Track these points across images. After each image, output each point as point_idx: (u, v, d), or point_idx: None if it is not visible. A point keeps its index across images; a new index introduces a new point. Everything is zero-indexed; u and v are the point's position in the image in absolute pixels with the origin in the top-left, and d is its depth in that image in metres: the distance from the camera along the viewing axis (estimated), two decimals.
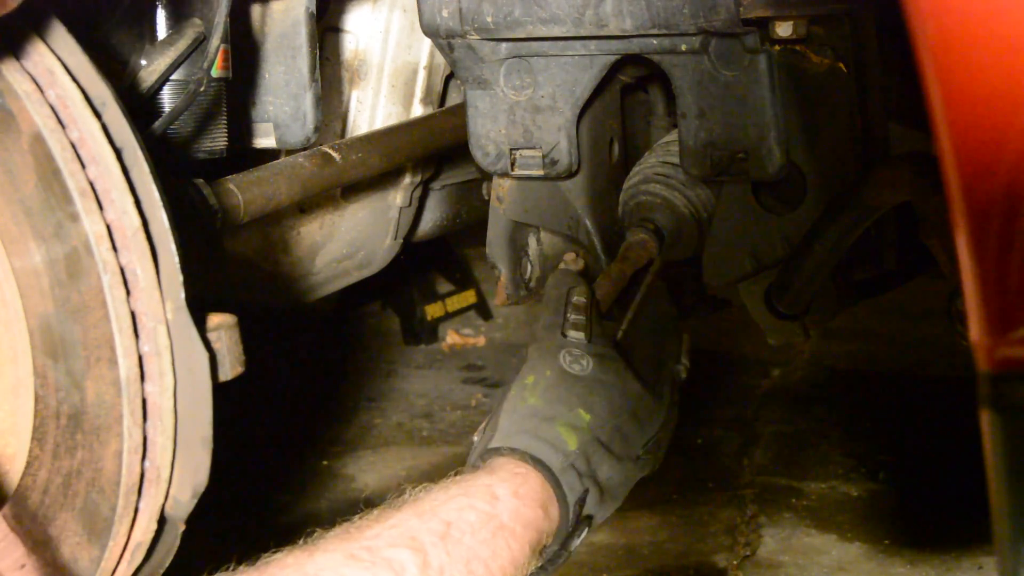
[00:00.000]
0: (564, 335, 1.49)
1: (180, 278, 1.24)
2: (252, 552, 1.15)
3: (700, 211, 1.85)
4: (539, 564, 1.33)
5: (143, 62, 1.64)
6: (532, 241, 1.99)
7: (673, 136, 1.92)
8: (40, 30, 1.23)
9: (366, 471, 2.80)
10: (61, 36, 1.25)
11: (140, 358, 1.22)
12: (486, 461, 1.36)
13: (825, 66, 1.68)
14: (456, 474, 1.31)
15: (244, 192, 1.74)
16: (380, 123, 2.15)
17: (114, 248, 1.21)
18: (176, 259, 1.24)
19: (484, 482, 1.28)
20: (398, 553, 1.14)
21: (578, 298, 1.53)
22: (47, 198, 1.20)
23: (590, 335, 1.49)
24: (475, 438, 1.45)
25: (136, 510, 1.25)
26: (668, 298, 1.68)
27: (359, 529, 1.17)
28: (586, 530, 1.38)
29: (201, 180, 1.69)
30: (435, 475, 1.29)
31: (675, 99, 1.75)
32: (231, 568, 1.07)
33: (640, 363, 1.53)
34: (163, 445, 1.24)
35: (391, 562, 1.12)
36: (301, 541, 1.16)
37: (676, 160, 1.81)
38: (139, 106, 1.62)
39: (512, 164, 1.84)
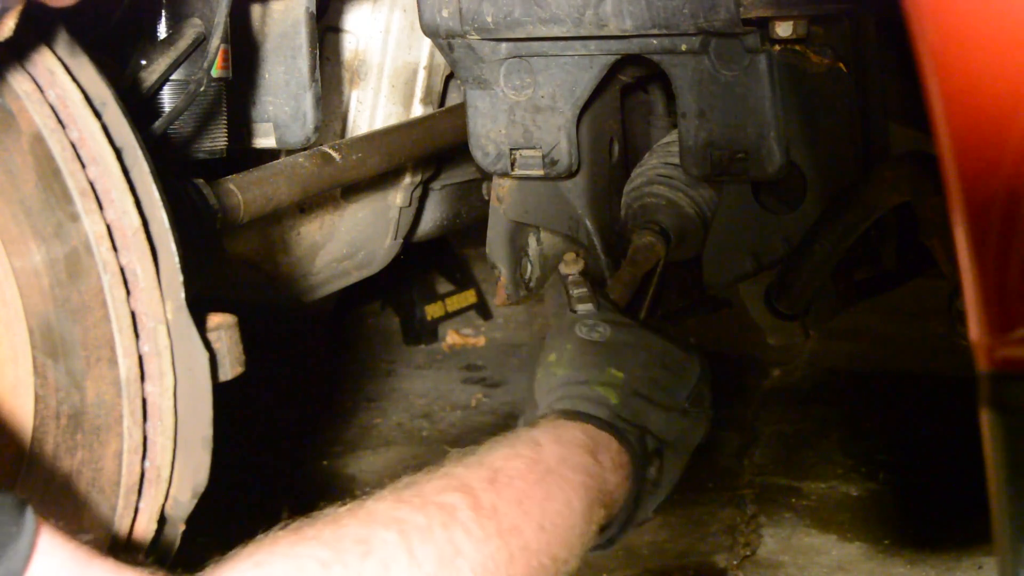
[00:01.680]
0: (573, 311, 1.50)
1: (180, 278, 1.24)
2: None
3: (704, 210, 1.86)
4: (618, 520, 1.32)
5: (143, 62, 1.64)
6: (532, 241, 1.99)
7: (673, 136, 1.92)
8: (40, 30, 1.23)
9: (366, 471, 2.80)
10: (61, 36, 1.25)
11: (140, 358, 1.22)
12: (533, 423, 1.34)
13: (825, 66, 1.68)
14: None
15: (244, 192, 1.74)
16: (380, 123, 2.15)
17: (114, 248, 1.21)
18: (176, 259, 1.24)
19: (527, 434, 1.27)
20: (448, 497, 1.11)
21: (573, 276, 1.53)
22: (47, 198, 1.20)
23: (597, 303, 1.50)
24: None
25: (136, 510, 1.25)
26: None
27: (407, 484, 1.14)
28: (657, 467, 1.36)
29: (201, 180, 1.69)
30: None
31: (675, 99, 1.75)
32: (284, 523, 1.05)
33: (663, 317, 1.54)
34: (163, 445, 1.24)
35: (442, 505, 1.10)
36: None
37: (677, 161, 1.81)
38: (139, 106, 1.61)
39: (512, 164, 1.84)
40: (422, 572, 1.03)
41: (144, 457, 1.24)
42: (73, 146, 1.22)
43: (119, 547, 1.25)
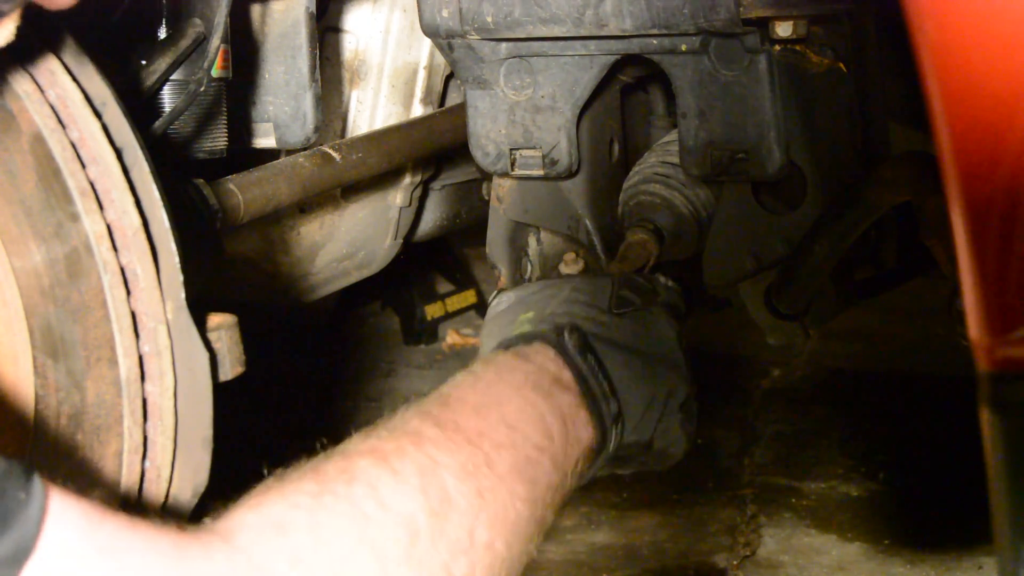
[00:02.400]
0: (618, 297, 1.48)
1: (180, 278, 1.24)
2: None
3: (700, 211, 1.85)
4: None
5: (143, 62, 1.64)
6: (532, 241, 1.99)
7: (673, 136, 1.92)
8: (40, 30, 1.23)
9: None
10: (61, 36, 1.25)
11: (140, 358, 1.22)
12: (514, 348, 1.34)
13: (825, 66, 1.68)
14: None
15: (244, 192, 1.74)
16: (380, 123, 2.16)
17: (114, 248, 1.21)
18: (176, 259, 1.24)
19: (477, 363, 1.28)
20: (410, 423, 1.14)
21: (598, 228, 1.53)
22: (47, 198, 1.20)
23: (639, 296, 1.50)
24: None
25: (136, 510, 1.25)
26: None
27: (369, 429, 1.17)
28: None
29: (201, 180, 1.69)
30: None
31: (675, 99, 1.75)
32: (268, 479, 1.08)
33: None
34: (163, 445, 1.24)
35: (406, 430, 1.13)
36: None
37: (676, 160, 1.81)
38: (139, 106, 1.62)
39: (512, 164, 1.84)
40: (408, 484, 1.06)
41: (144, 457, 1.24)
42: (73, 146, 1.22)
43: None
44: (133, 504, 1.25)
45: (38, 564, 0.83)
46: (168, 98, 1.66)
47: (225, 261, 1.97)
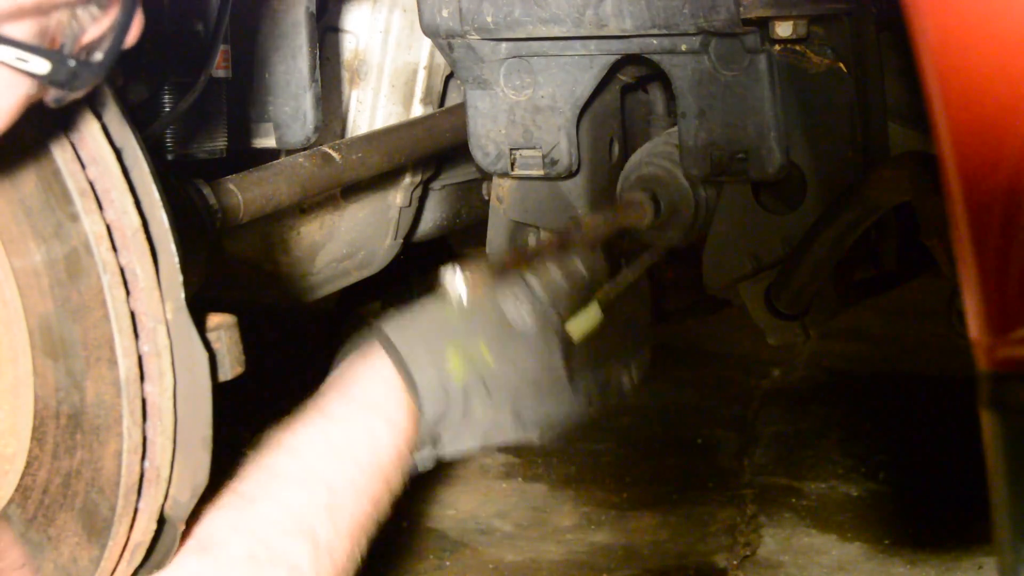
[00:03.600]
0: (525, 277, 1.46)
1: (180, 278, 1.24)
2: None
3: (699, 193, 1.84)
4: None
5: (143, 62, 1.64)
6: (532, 241, 1.99)
7: (675, 131, 1.92)
8: None
9: None
10: None
11: (140, 358, 1.22)
12: (368, 346, 1.37)
13: (825, 66, 1.68)
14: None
15: (244, 192, 1.74)
16: (380, 123, 2.15)
17: (114, 248, 1.21)
18: (176, 259, 1.24)
19: (363, 423, 1.31)
20: (291, 546, 1.20)
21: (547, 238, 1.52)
22: (47, 198, 1.20)
23: (548, 291, 1.47)
24: (456, 273, 1.46)
25: (136, 510, 1.25)
26: (648, 305, 1.66)
27: (251, 504, 1.23)
28: (432, 457, 1.38)
29: (201, 180, 1.69)
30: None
31: (675, 99, 1.75)
32: None
33: (586, 348, 1.49)
34: (163, 445, 1.24)
35: (287, 557, 1.19)
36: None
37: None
38: (139, 106, 1.61)
39: (512, 164, 1.85)
40: None
41: (144, 457, 1.24)
42: (73, 146, 1.21)
43: (119, 547, 1.25)
44: (123, 546, 1.25)
45: None
46: (168, 98, 1.66)
47: (225, 261, 1.97)
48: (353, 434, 1.30)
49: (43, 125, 1.21)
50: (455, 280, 1.46)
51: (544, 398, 1.44)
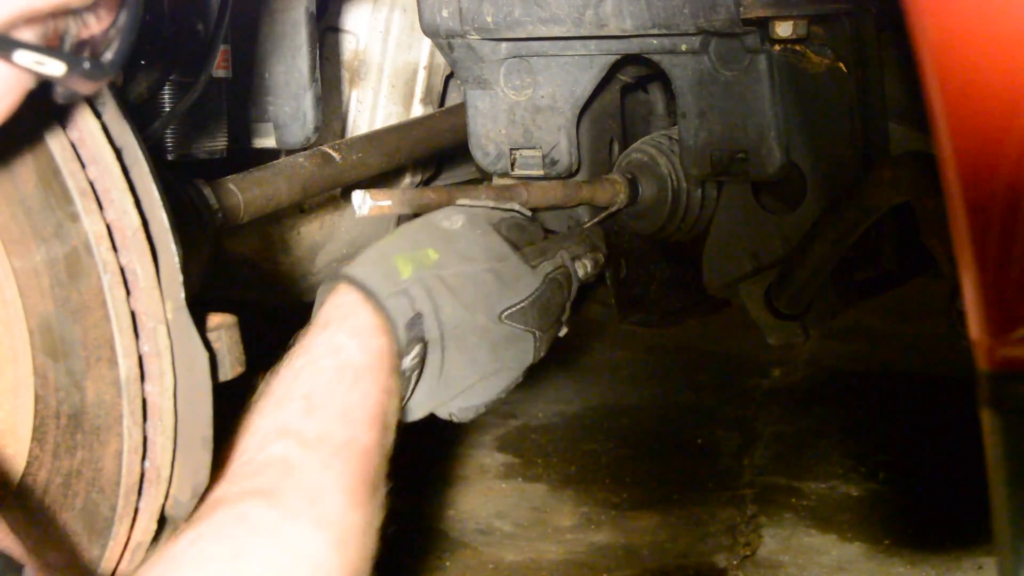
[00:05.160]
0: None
1: (180, 278, 1.24)
2: None
3: (681, 185, 1.85)
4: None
5: (143, 62, 1.64)
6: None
7: (674, 131, 1.92)
8: None
9: None
10: None
11: (140, 358, 1.22)
12: (329, 288, 1.36)
13: (825, 66, 1.68)
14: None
15: (244, 192, 1.74)
16: (380, 123, 2.15)
17: (114, 248, 1.21)
18: (176, 259, 1.24)
19: (322, 339, 1.29)
20: (274, 448, 1.16)
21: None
22: (47, 198, 1.20)
23: (477, 206, 1.48)
24: (363, 197, 1.50)
25: (136, 510, 1.25)
26: (601, 233, 1.63)
27: (232, 448, 1.20)
28: (418, 355, 1.34)
29: (201, 180, 1.69)
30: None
31: (675, 99, 1.75)
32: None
33: (527, 242, 1.48)
34: (163, 445, 1.24)
35: (271, 459, 1.15)
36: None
37: (676, 135, 1.81)
38: (139, 106, 1.62)
39: (512, 164, 1.85)
40: (300, 518, 1.09)
41: (144, 457, 1.24)
42: (73, 146, 1.21)
43: (119, 547, 1.25)
44: (124, 546, 1.25)
45: None
46: (168, 98, 1.66)
47: (225, 261, 1.97)
48: (314, 351, 1.28)
49: (43, 124, 1.21)
50: (357, 196, 1.49)
51: (505, 282, 1.40)
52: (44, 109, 1.22)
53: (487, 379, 1.41)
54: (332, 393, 1.22)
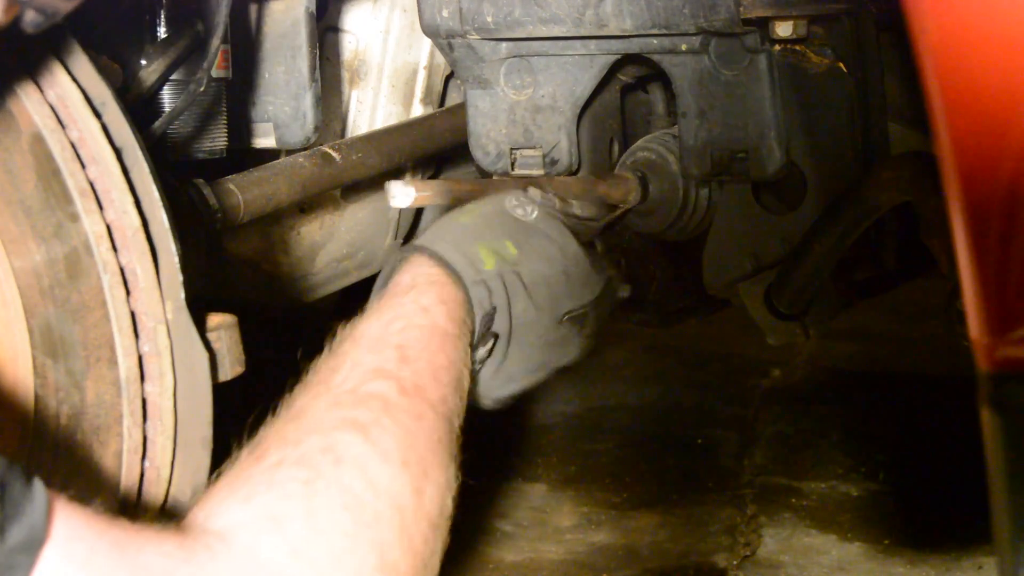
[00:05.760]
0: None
1: (180, 278, 1.24)
2: None
3: (691, 185, 1.85)
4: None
5: (143, 62, 1.64)
6: None
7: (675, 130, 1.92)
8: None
9: None
10: (61, 36, 1.25)
11: (140, 358, 1.22)
12: (406, 258, 1.34)
13: (825, 66, 1.68)
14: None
15: (244, 192, 1.74)
16: (380, 123, 2.15)
17: (114, 248, 1.21)
18: (176, 259, 1.24)
19: (410, 299, 1.27)
20: (374, 385, 1.14)
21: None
22: (47, 198, 1.20)
23: (547, 195, 1.46)
24: (402, 187, 1.46)
25: (136, 510, 1.25)
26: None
27: (322, 381, 1.17)
28: (488, 349, 1.34)
29: (201, 180, 1.69)
30: None
31: (675, 99, 1.75)
32: (235, 455, 1.07)
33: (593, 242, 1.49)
34: (163, 445, 1.24)
35: (372, 394, 1.13)
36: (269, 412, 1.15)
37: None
38: (139, 106, 1.61)
39: (512, 164, 1.85)
40: (392, 462, 1.07)
41: (144, 457, 1.24)
42: (73, 146, 1.22)
43: None
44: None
45: (54, 551, 0.84)
46: (168, 98, 1.66)
47: (225, 261, 1.97)
48: (403, 308, 1.25)
49: (43, 124, 1.21)
50: (396, 187, 1.46)
51: (575, 284, 1.41)
52: (43, 108, 1.22)
53: (529, 375, 1.42)
54: (424, 349, 1.20)
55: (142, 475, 1.24)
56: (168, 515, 1.28)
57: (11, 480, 0.84)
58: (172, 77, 1.66)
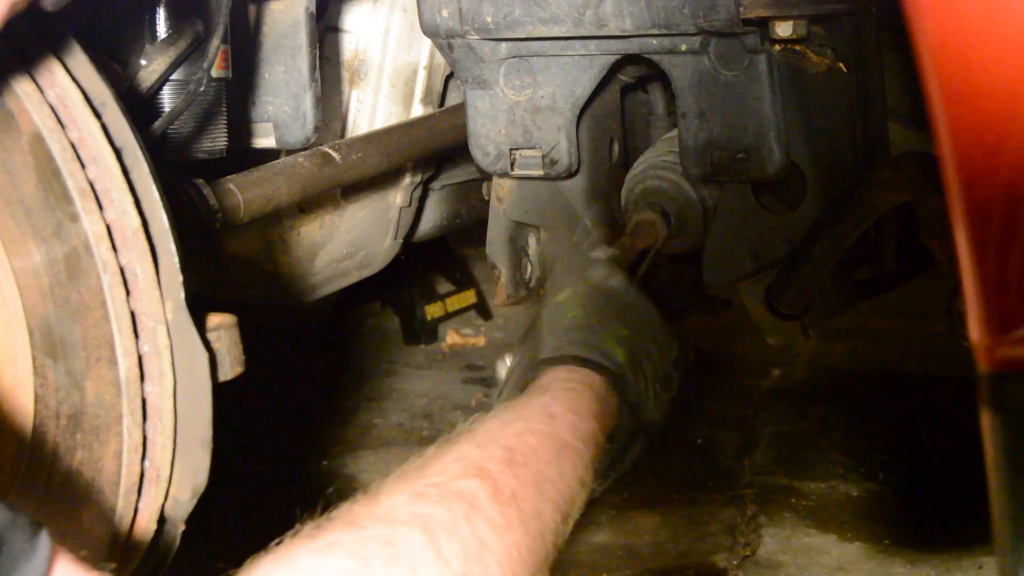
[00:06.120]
0: (590, 252, 1.47)
1: (180, 278, 1.24)
2: (252, 551, 1.14)
3: (705, 198, 1.85)
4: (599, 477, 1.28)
5: (143, 62, 1.64)
6: (532, 241, 1.99)
7: (675, 134, 1.92)
8: (40, 30, 1.23)
9: (366, 471, 2.80)
10: (61, 36, 1.25)
11: (140, 358, 1.22)
12: (538, 373, 1.31)
13: (825, 66, 1.68)
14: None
15: (244, 192, 1.74)
16: (380, 123, 2.15)
17: (114, 248, 1.21)
18: (176, 259, 1.24)
19: (539, 403, 1.23)
20: (466, 484, 1.07)
21: (599, 223, 1.50)
22: (47, 198, 1.20)
23: (619, 249, 1.47)
24: (507, 361, 1.43)
25: (136, 510, 1.25)
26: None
27: (419, 469, 1.10)
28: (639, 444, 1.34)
29: (201, 180, 1.69)
30: None
31: (675, 99, 1.75)
32: (297, 529, 1.00)
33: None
34: (163, 445, 1.24)
35: (462, 494, 1.05)
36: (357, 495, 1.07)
37: (677, 148, 1.80)
38: (139, 106, 1.62)
39: (512, 164, 1.85)
40: (451, 571, 0.99)
41: (144, 457, 1.24)
42: (73, 146, 1.22)
43: (119, 547, 1.25)
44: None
45: None
46: (168, 98, 1.66)
47: (225, 261, 1.97)
48: (527, 411, 1.21)
49: (43, 124, 1.21)
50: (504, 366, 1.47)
51: (663, 349, 1.42)
52: (43, 108, 1.22)
53: None
54: (535, 457, 1.14)
55: (142, 475, 1.24)
56: (167, 516, 1.28)
57: (12, 535, 0.81)
58: (172, 77, 1.66)
